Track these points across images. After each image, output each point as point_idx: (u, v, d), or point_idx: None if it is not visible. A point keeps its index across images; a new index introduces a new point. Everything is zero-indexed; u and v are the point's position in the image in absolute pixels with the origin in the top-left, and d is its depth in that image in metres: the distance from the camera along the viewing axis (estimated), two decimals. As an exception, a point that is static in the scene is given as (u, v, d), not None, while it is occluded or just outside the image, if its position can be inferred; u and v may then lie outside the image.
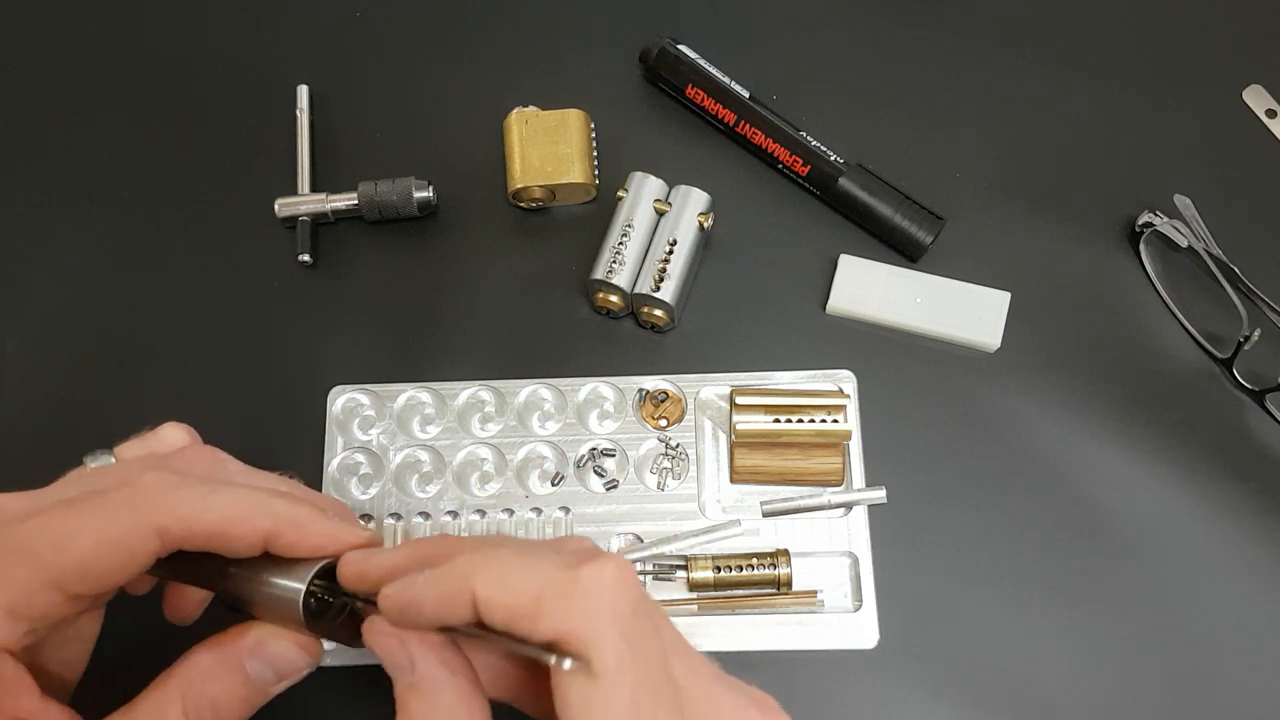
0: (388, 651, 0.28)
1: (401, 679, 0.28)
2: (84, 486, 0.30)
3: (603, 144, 0.51)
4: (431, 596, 0.27)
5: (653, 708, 0.25)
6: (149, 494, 0.28)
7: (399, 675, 0.28)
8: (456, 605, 0.26)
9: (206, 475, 0.31)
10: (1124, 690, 0.42)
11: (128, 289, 0.49)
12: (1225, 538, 0.44)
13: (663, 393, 0.46)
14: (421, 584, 0.27)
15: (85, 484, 0.31)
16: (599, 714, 0.25)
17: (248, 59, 0.54)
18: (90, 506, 0.28)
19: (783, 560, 0.42)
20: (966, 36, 0.54)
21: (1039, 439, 0.46)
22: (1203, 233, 0.47)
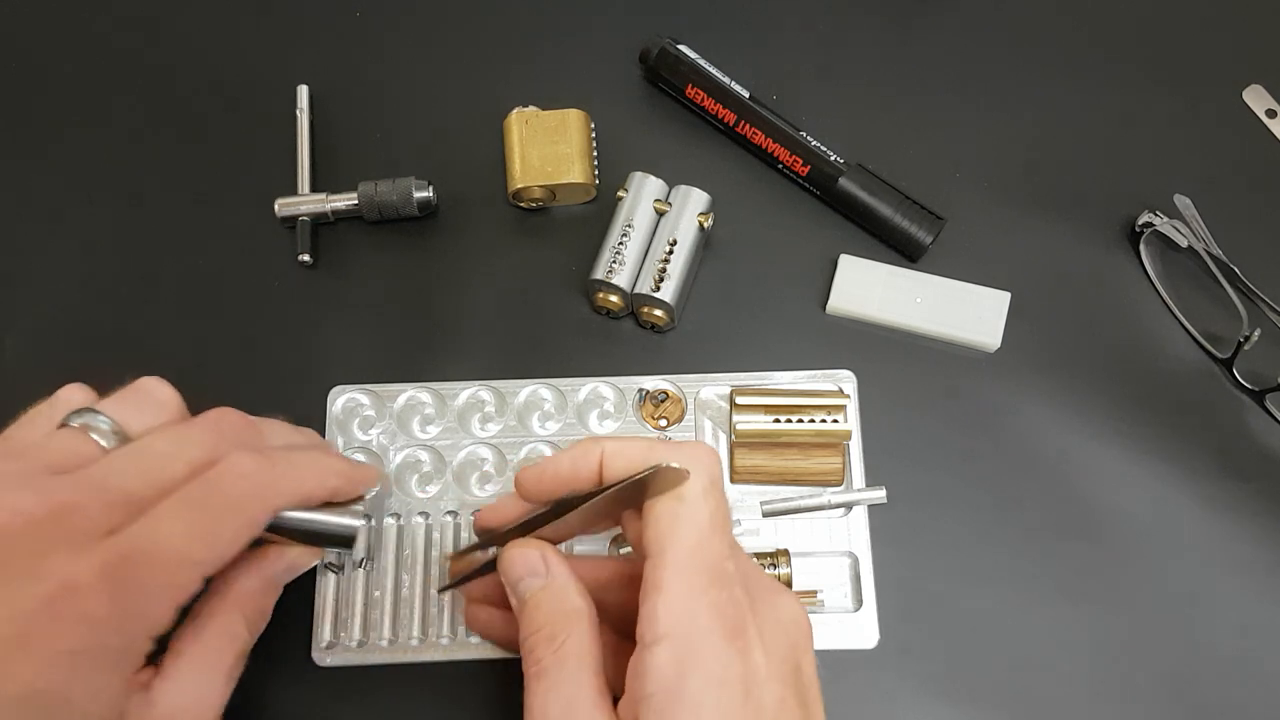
0: (528, 561, 0.34)
1: (535, 583, 0.33)
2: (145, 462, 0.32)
3: (603, 144, 0.51)
4: (568, 460, 0.34)
5: (721, 535, 0.31)
6: (261, 483, 0.33)
7: (534, 580, 0.33)
8: (588, 461, 0.33)
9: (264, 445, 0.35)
10: (1124, 690, 0.42)
11: (127, 289, 0.49)
12: (1225, 538, 0.44)
13: (663, 393, 0.46)
14: (558, 455, 0.34)
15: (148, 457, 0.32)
16: (681, 527, 0.31)
17: (248, 59, 0.54)
18: (224, 508, 0.32)
19: (783, 560, 0.42)
20: (966, 36, 0.54)
21: (1039, 439, 0.46)
22: (1203, 233, 0.47)
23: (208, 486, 0.31)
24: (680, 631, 0.29)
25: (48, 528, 0.29)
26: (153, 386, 0.35)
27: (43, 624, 0.28)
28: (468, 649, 0.42)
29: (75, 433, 0.33)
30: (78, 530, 0.29)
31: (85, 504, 0.30)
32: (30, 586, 0.28)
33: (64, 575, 0.28)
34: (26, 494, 0.29)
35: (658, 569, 0.31)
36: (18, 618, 0.27)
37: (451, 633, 0.42)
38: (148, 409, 0.35)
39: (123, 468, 0.32)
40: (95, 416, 0.33)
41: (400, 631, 0.42)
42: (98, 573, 0.28)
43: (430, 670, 0.42)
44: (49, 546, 0.28)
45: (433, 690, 0.42)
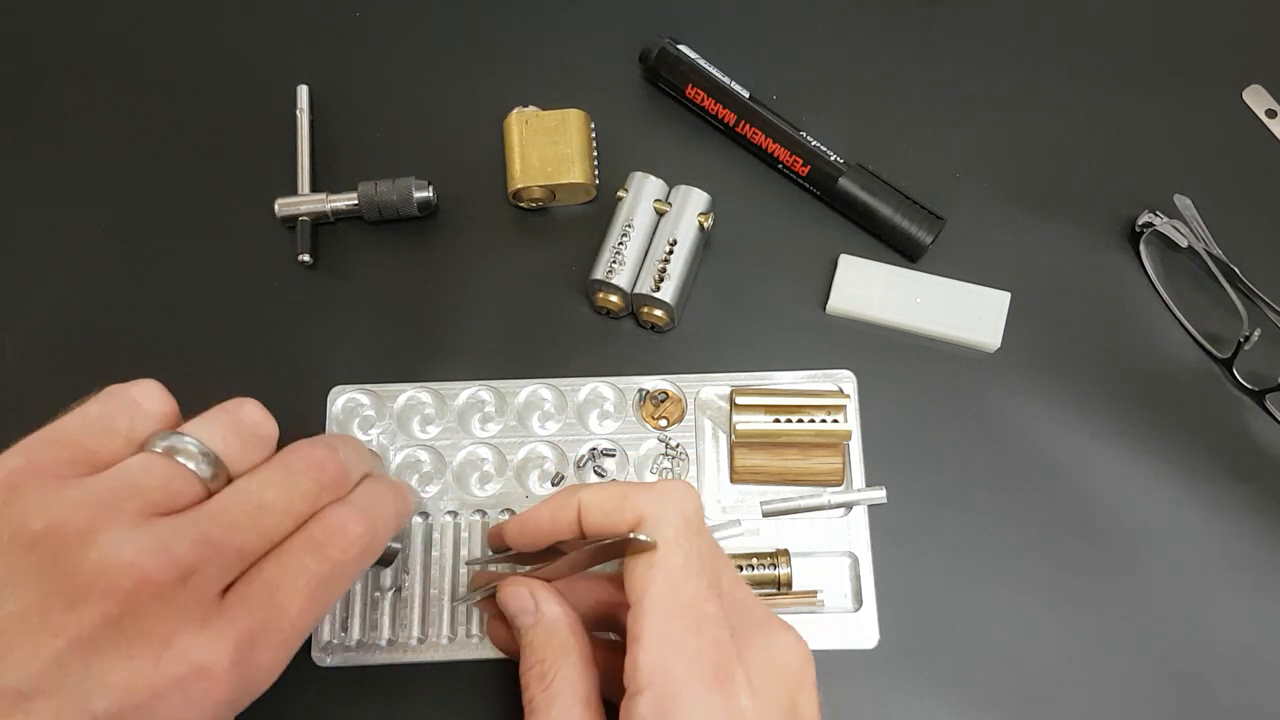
0: (519, 599, 0.35)
1: (527, 621, 0.35)
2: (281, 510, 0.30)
3: (603, 144, 0.51)
4: (546, 512, 0.35)
5: (697, 577, 0.31)
6: (366, 547, 0.32)
7: (525, 618, 0.35)
8: (565, 514, 0.34)
9: (349, 486, 0.33)
10: (1124, 690, 0.42)
11: (127, 289, 0.49)
12: (1225, 538, 0.44)
13: (663, 393, 0.46)
14: (538, 507, 0.35)
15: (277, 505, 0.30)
16: (655, 574, 0.31)
17: (247, 59, 0.54)
18: (336, 578, 0.31)
19: (783, 560, 0.42)
20: (967, 37, 0.54)
21: (1039, 439, 0.46)
22: (1203, 233, 0.47)
23: (321, 555, 0.30)
24: (659, 681, 0.30)
25: (170, 592, 0.27)
26: (257, 419, 0.32)
27: (171, 703, 0.27)
28: (468, 649, 0.42)
29: (168, 462, 0.29)
30: (199, 596, 0.28)
31: (206, 567, 0.28)
32: (159, 661, 0.27)
33: (200, 659, 0.27)
34: (150, 552, 0.27)
35: (636, 619, 0.31)
36: (143, 691, 0.26)
37: (451, 633, 0.42)
38: (251, 447, 0.32)
39: (237, 521, 0.29)
40: (185, 441, 0.30)
41: (400, 631, 0.42)
42: (231, 658, 0.27)
43: (430, 670, 0.42)
44: (173, 615, 0.27)
45: (433, 690, 0.42)
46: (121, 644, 0.26)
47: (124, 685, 0.26)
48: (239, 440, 0.31)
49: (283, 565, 0.30)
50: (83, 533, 0.27)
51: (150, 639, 0.27)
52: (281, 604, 0.29)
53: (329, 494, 0.32)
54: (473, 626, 0.42)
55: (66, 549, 0.26)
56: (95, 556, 0.26)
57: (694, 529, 0.33)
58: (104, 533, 0.27)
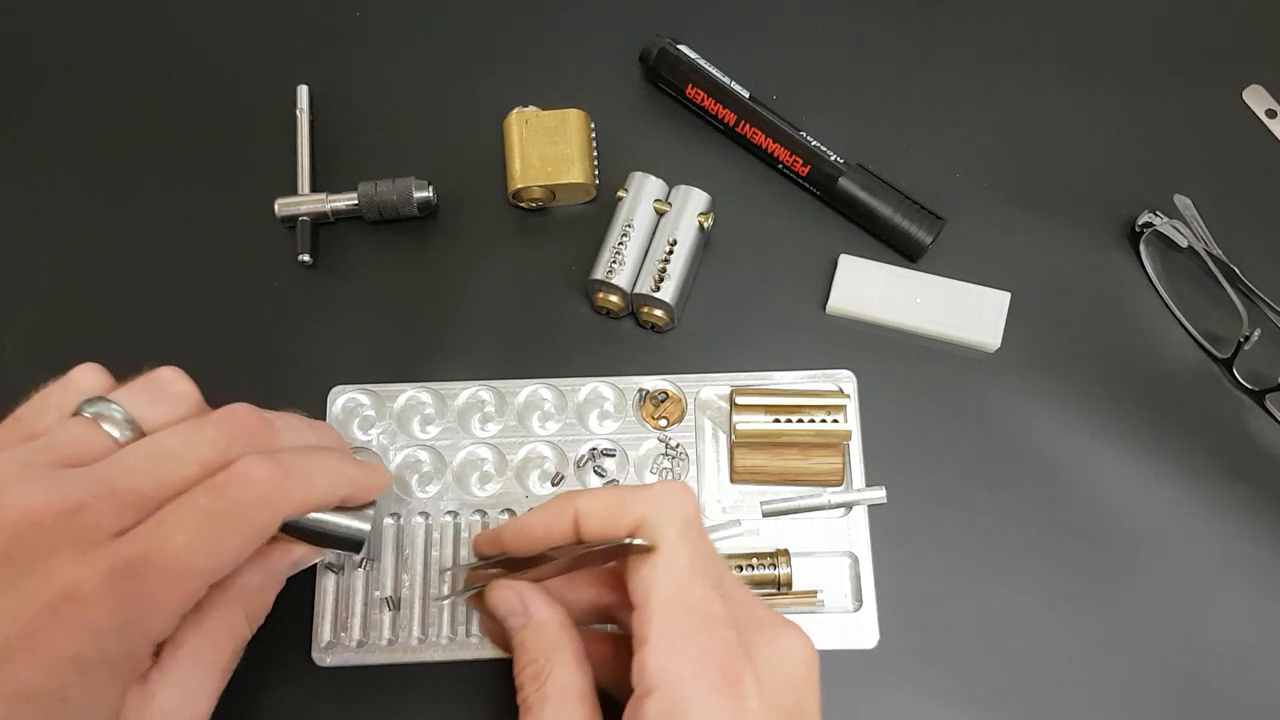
0: (506, 604, 0.35)
1: (517, 623, 0.34)
2: (161, 460, 0.31)
3: (603, 144, 0.51)
4: (543, 518, 0.34)
5: (702, 578, 0.31)
6: (271, 491, 0.32)
7: (515, 621, 0.34)
8: (562, 521, 0.33)
9: (274, 444, 0.34)
10: (1124, 689, 0.42)
11: (127, 289, 0.49)
12: (1225, 538, 0.44)
13: (663, 393, 0.46)
14: (534, 512, 0.35)
15: (164, 458, 0.31)
16: (659, 576, 0.31)
17: (247, 59, 0.54)
18: (230, 516, 0.31)
19: (783, 560, 0.42)
20: (967, 37, 0.54)
21: (1039, 439, 0.46)
22: (1203, 233, 0.47)
23: (217, 493, 0.31)
24: (667, 683, 0.30)
25: (56, 527, 0.28)
26: (170, 378, 0.35)
27: (46, 628, 0.27)
28: (468, 649, 0.42)
29: (88, 423, 0.32)
30: (86, 531, 0.29)
31: (94, 504, 0.29)
32: (35, 589, 0.27)
33: (69, 581, 0.28)
34: (36, 490, 0.29)
35: (642, 621, 0.31)
36: (21, 619, 0.27)
37: (451, 633, 0.42)
38: (163, 401, 0.34)
39: (134, 466, 0.31)
40: (109, 406, 0.32)
41: (400, 631, 0.42)
42: (102, 580, 0.28)
43: (430, 670, 0.42)
44: (55, 548, 0.28)
45: (433, 690, 0.42)
46: (7, 575, 0.28)
47: (5, 613, 0.27)
48: (149, 399, 0.33)
49: (177, 503, 0.31)
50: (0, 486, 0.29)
51: (31, 570, 0.28)
52: (166, 537, 0.30)
53: (240, 445, 0.32)
54: (473, 626, 0.42)
55: None
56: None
57: (695, 530, 0.32)
58: (13, 484, 0.29)
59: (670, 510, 0.32)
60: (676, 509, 0.32)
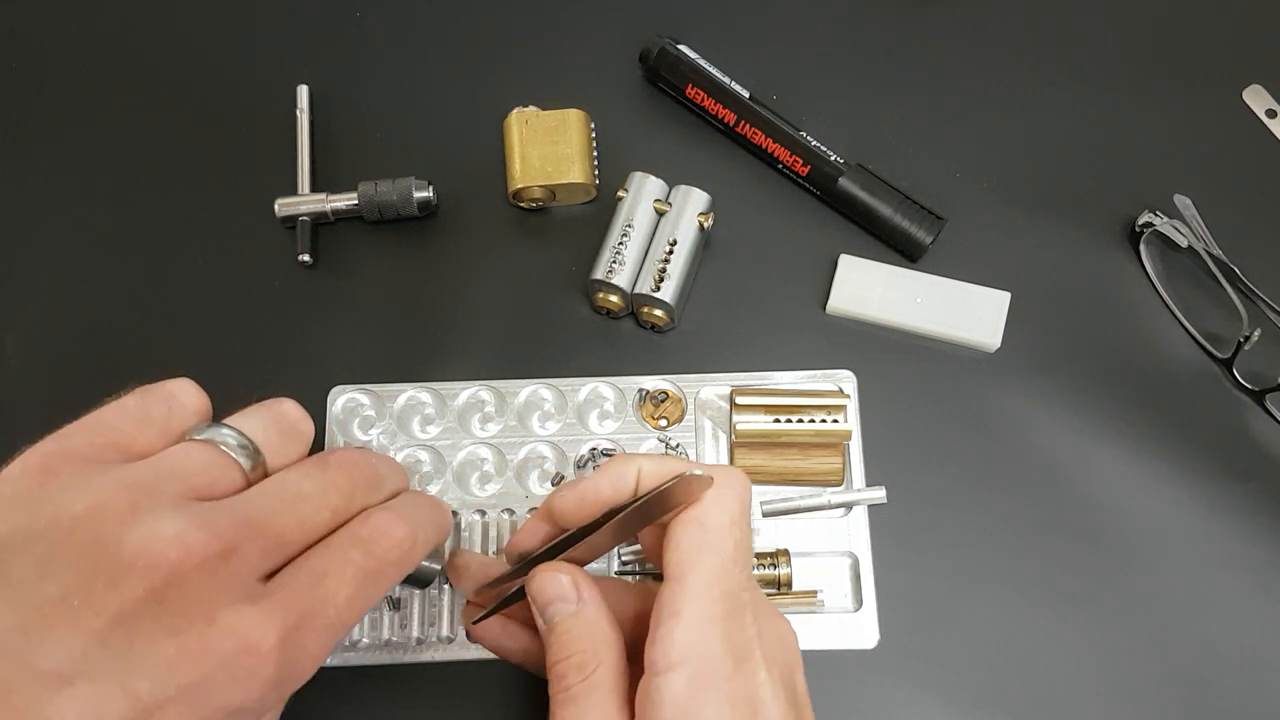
0: (558, 587, 0.33)
1: (566, 609, 0.33)
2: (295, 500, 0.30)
3: (603, 144, 0.51)
4: (606, 481, 0.33)
5: (743, 567, 0.32)
6: (408, 550, 0.31)
7: (564, 606, 0.33)
8: (626, 479, 0.33)
9: (384, 493, 0.33)
10: (1124, 690, 0.42)
11: (127, 289, 0.49)
12: (1225, 538, 0.44)
13: (663, 393, 0.46)
14: (595, 476, 0.33)
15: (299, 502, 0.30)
16: (706, 556, 0.31)
17: (247, 59, 0.54)
18: (380, 576, 0.30)
19: (783, 560, 0.42)
20: (967, 37, 0.54)
21: (1039, 439, 0.46)
22: (1203, 233, 0.47)
23: (365, 551, 0.30)
24: (695, 657, 0.29)
25: (215, 570, 0.26)
26: (296, 416, 0.33)
27: (217, 681, 0.26)
28: (468, 649, 0.42)
29: (215, 452, 0.29)
30: (241, 575, 0.27)
31: (245, 547, 0.27)
32: (208, 639, 0.26)
33: (246, 635, 0.26)
34: (193, 528, 0.26)
35: (677, 595, 0.30)
36: (190, 669, 0.25)
37: (451, 633, 0.42)
38: (290, 441, 0.32)
39: (274, 507, 0.29)
40: (232, 434, 0.30)
41: (400, 631, 0.42)
42: (279, 636, 0.27)
43: (430, 670, 0.42)
44: (218, 592, 0.26)
45: (433, 690, 0.42)
46: (164, 621, 0.26)
47: (168, 662, 0.25)
48: (278, 434, 0.31)
49: (330, 556, 0.30)
50: (124, 513, 0.26)
51: (195, 615, 0.26)
52: (329, 591, 0.29)
53: (362, 494, 0.32)
54: (473, 626, 0.42)
55: (108, 529, 0.26)
56: (138, 534, 0.26)
57: (745, 519, 0.33)
58: (146, 513, 0.26)
59: (731, 493, 0.32)
60: (737, 493, 0.32)
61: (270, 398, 0.33)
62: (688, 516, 0.32)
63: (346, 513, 0.31)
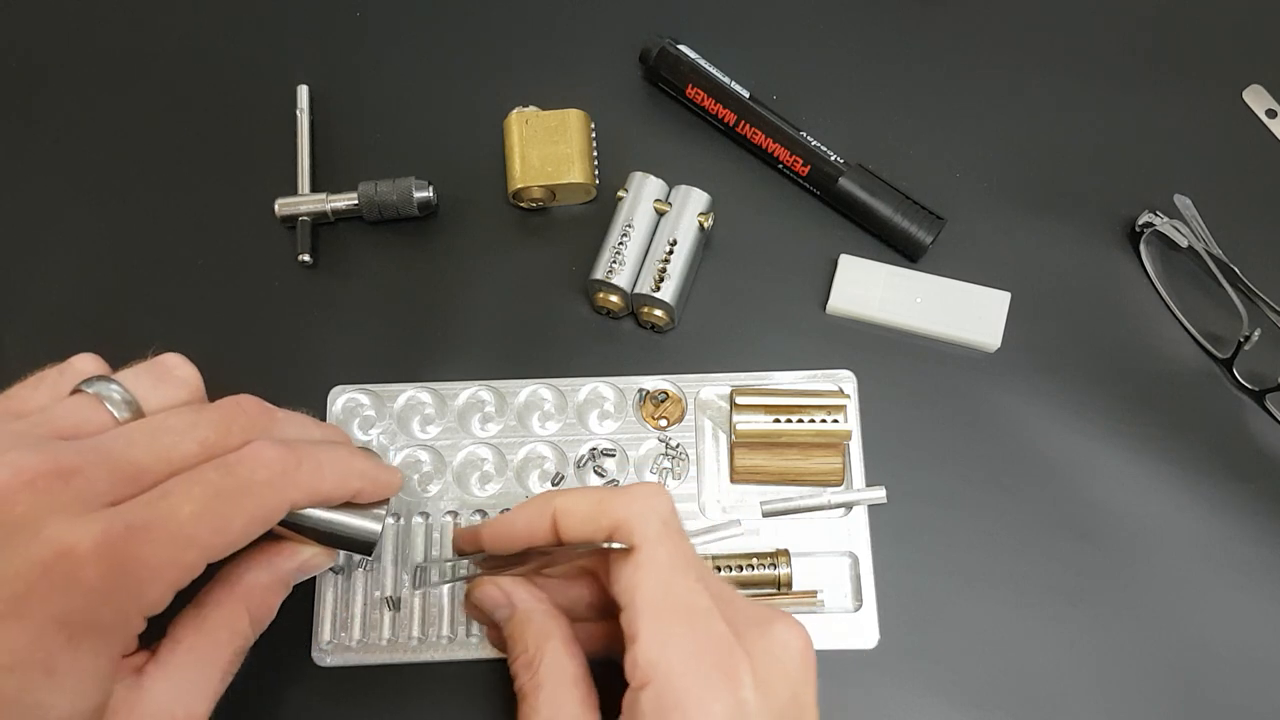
0: (490, 598, 0.36)
1: (504, 614, 0.35)
2: (162, 438, 0.30)
3: (603, 144, 0.51)
4: (522, 518, 0.34)
5: (684, 573, 0.32)
6: (281, 474, 0.31)
7: (501, 614, 0.35)
8: (541, 521, 0.34)
9: (277, 434, 0.33)
10: (1124, 690, 0.42)
11: (127, 289, 0.49)
12: (1225, 538, 0.44)
13: (663, 393, 0.46)
14: (514, 512, 0.35)
15: (166, 437, 0.31)
16: (643, 575, 0.31)
17: (248, 59, 0.54)
18: (239, 494, 0.30)
19: (783, 560, 0.42)
20: (966, 37, 0.54)
21: (1039, 439, 0.46)
22: (1203, 233, 0.47)
23: (224, 470, 0.30)
24: (659, 676, 0.30)
25: (49, 489, 0.28)
26: (174, 363, 0.34)
27: (37, 590, 0.27)
28: (468, 649, 0.42)
29: (87, 399, 0.31)
30: (80, 495, 0.28)
31: (90, 470, 0.28)
32: (27, 549, 0.27)
33: (62, 540, 0.27)
34: (28, 453, 0.28)
35: (629, 620, 0.31)
36: (10, 581, 0.26)
37: (451, 633, 0.42)
38: (166, 384, 0.33)
39: (132, 439, 0.30)
40: (109, 385, 0.32)
41: (400, 631, 0.42)
42: (97, 540, 0.27)
43: (430, 670, 0.42)
44: (49, 509, 0.27)
45: (433, 690, 0.42)
46: (2, 540, 0.27)
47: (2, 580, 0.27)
48: (151, 379, 0.33)
49: (183, 476, 0.30)
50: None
51: (21, 531, 0.27)
52: (171, 505, 0.29)
53: (242, 430, 0.32)
54: (473, 627, 0.42)
55: None
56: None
57: (673, 529, 0.33)
58: (5, 450, 0.28)
59: (648, 510, 0.32)
60: (654, 509, 0.33)
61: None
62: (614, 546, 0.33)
63: (219, 444, 0.31)
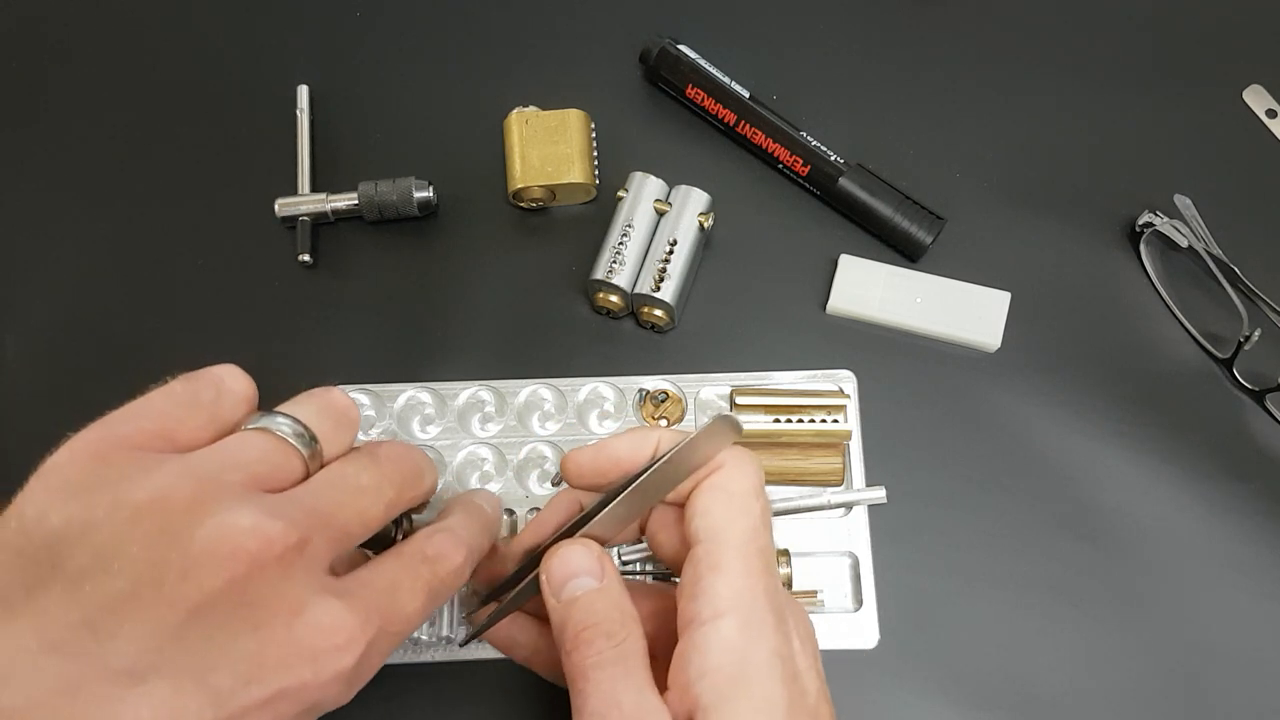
0: (584, 561, 0.32)
1: (589, 584, 0.31)
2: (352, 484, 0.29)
3: (603, 144, 0.51)
4: (625, 444, 0.33)
5: (769, 533, 0.31)
6: (462, 570, 0.31)
7: (586, 582, 0.31)
8: (644, 449, 0.32)
9: (426, 488, 0.33)
10: (1124, 690, 0.42)
11: (128, 289, 0.49)
12: (1225, 538, 0.44)
13: (663, 393, 0.46)
14: (613, 438, 0.33)
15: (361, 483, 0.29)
16: (736, 515, 0.31)
17: (248, 59, 0.54)
18: (441, 591, 0.30)
19: (783, 560, 0.42)
20: (966, 36, 0.54)
21: (1039, 439, 0.46)
22: (1203, 233, 0.47)
23: (431, 568, 0.30)
24: (744, 606, 0.29)
25: (295, 563, 0.26)
26: (345, 404, 0.32)
27: (297, 676, 0.25)
28: (468, 649, 0.42)
29: (271, 439, 0.28)
30: (318, 569, 0.26)
31: (317, 540, 0.27)
32: (294, 630, 0.25)
33: (336, 628, 0.25)
34: (268, 519, 0.25)
35: (713, 551, 0.30)
36: (273, 662, 0.25)
37: (451, 632, 0.42)
38: (342, 428, 0.31)
39: (339, 500, 0.28)
40: (289, 423, 0.29)
41: (400, 631, 0.42)
42: (361, 631, 0.26)
43: (430, 670, 0.42)
44: (304, 585, 0.26)
45: (433, 690, 0.42)
46: (244, 613, 0.24)
47: (251, 656, 0.24)
48: (331, 422, 0.30)
49: (403, 567, 0.29)
50: (190, 502, 0.25)
51: (278, 607, 0.25)
52: (402, 602, 0.29)
53: (409, 488, 0.32)
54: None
55: (175, 518, 0.25)
56: (210, 524, 0.25)
57: (764, 491, 0.32)
58: (214, 503, 0.25)
59: (750, 464, 0.32)
60: (754, 466, 0.32)
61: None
62: (711, 484, 0.31)
63: (396, 507, 0.31)
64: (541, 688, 0.42)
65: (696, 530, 0.31)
